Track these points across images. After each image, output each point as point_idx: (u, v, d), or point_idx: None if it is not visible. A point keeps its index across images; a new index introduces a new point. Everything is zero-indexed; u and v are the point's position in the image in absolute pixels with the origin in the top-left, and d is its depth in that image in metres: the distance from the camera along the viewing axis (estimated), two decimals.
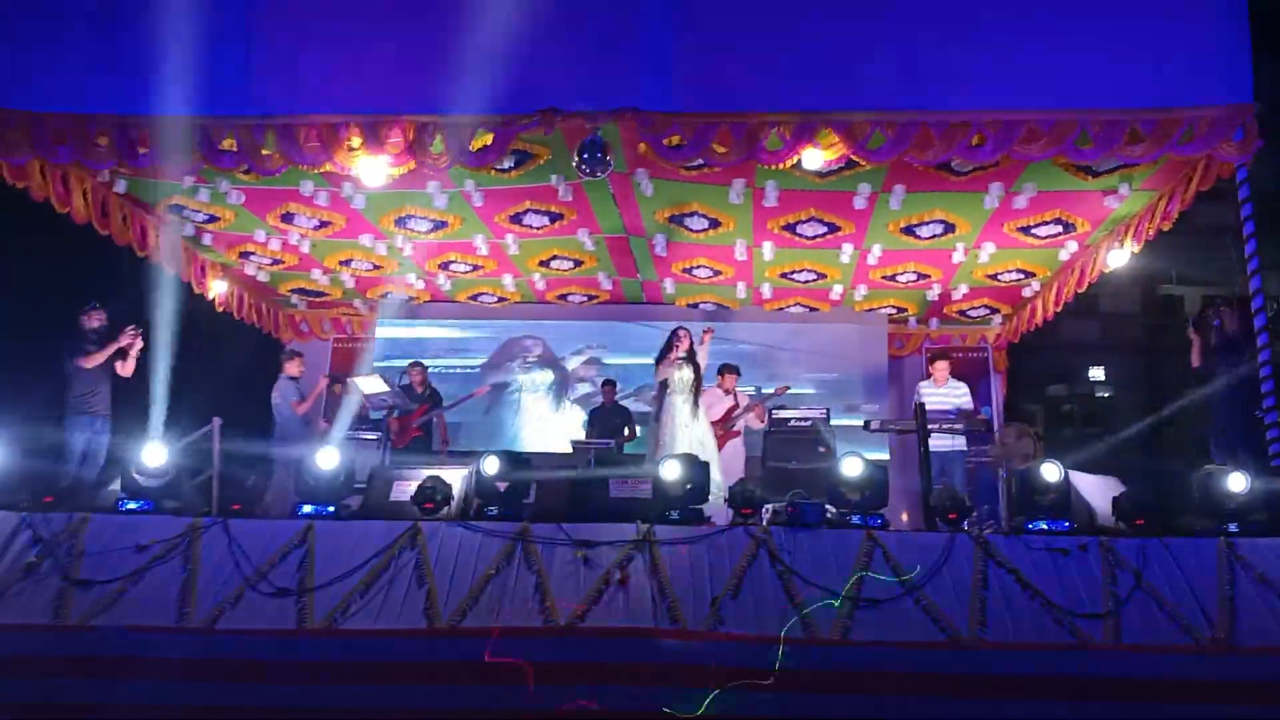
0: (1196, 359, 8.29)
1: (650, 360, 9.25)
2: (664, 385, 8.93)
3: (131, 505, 6.24)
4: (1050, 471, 6.15)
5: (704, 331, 9.21)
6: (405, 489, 6.38)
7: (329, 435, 9.25)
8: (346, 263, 10.38)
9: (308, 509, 6.19)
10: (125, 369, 8.27)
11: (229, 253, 10.01)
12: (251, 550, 5.74)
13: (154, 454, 6.34)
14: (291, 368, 9.97)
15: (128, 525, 5.99)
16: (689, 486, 6.30)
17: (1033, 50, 6.41)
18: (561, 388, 12.09)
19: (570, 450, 9.26)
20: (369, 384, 9.02)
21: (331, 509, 6.21)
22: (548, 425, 11.96)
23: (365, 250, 9.89)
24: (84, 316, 8.26)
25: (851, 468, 6.25)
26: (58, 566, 5.72)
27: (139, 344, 8.25)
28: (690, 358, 8.87)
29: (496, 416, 12.02)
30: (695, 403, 8.76)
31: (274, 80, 6.80)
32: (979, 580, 5.53)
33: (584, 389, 11.82)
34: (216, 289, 10.40)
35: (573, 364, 12.16)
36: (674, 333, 9.01)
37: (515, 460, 6.48)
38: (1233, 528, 5.89)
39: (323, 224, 9.18)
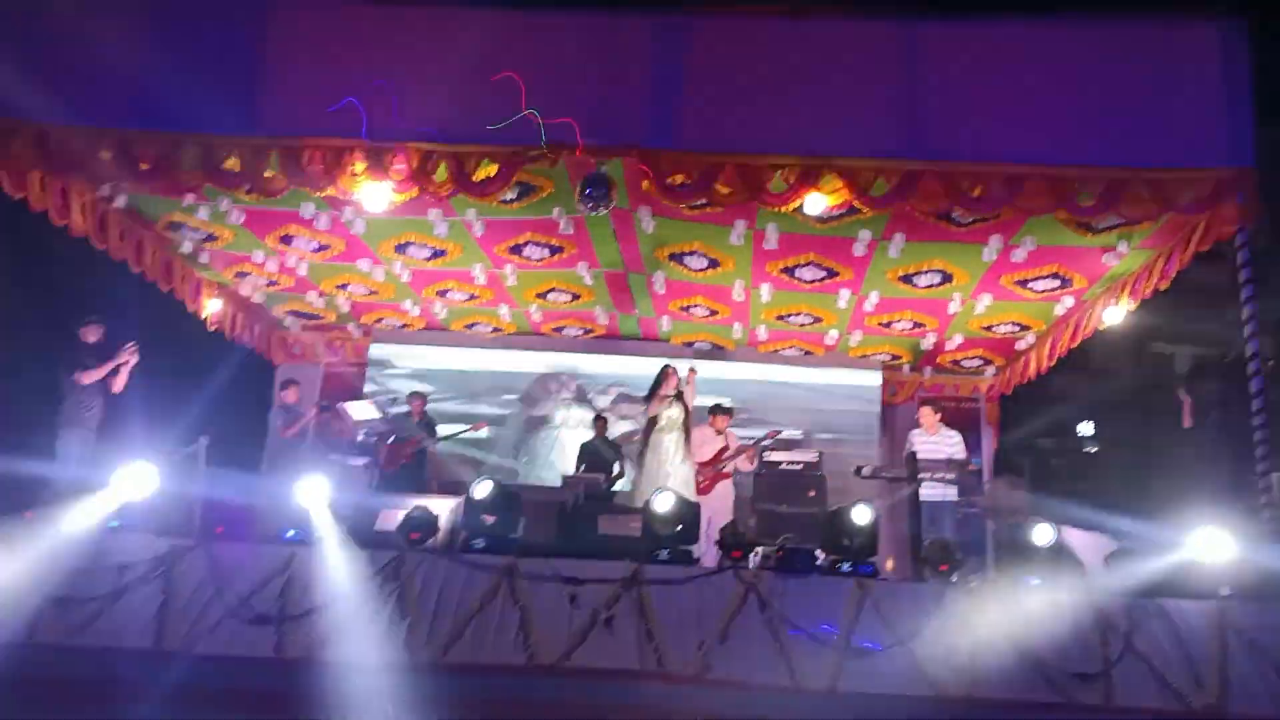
0: (1188, 419, 8.30)
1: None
2: (652, 423, 8.90)
3: (113, 524, 6.14)
4: (1043, 534, 6.13)
5: (689, 371, 9.17)
6: (392, 519, 6.31)
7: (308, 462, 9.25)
8: (343, 287, 10.34)
9: (291, 535, 6.12)
10: (116, 385, 8.17)
11: (225, 272, 9.96)
12: (233, 575, 5.67)
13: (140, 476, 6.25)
14: (287, 396, 10.04)
15: (108, 544, 5.91)
16: (678, 526, 6.26)
17: (1038, 105, 6.45)
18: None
19: (560, 485, 9.19)
20: (358, 410, 8.96)
21: (317, 536, 6.12)
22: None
23: (362, 275, 9.85)
24: (82, 330, 8.16)
25: (861, 516, 6.20)
26: (38, 582, 5.62)
27: (134, 360, 8.15)
28: (679, 396, 8.84)
29: (532, 452, 11.93)
30: (684, 443, 8.72)
31: (280, 101, 6.80)
32: (970, 634, 5.47)
33: (624, 426, 11.64)
34: (210, 308, 10.33)
35: (601, 402, 12.06)
36: (663, 370, 8.99)
37: (505, 494, 6.42)
38: (1225, 591, 5.86)
39: (322, 247, 9.15)
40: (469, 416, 11.48)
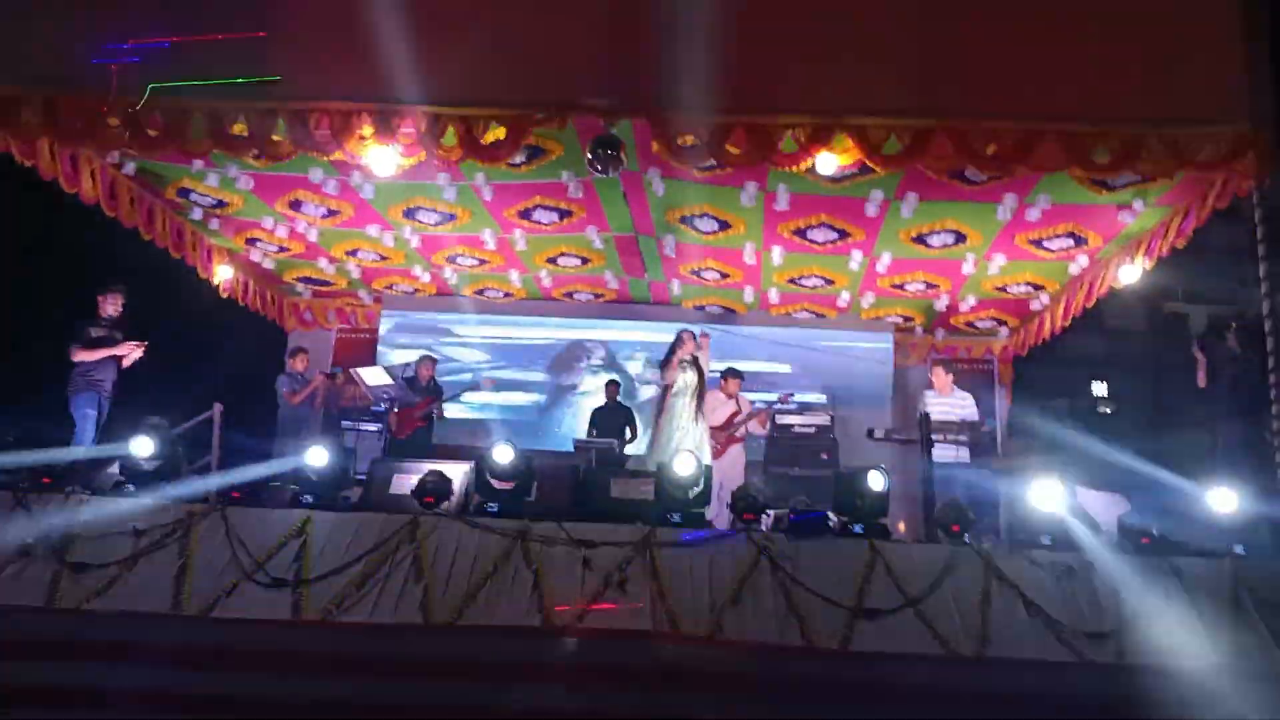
0: (1203, 379, 8.24)
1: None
2: (667, 388, 8.90)
3: (130, 489, 6.19)
4: (1052, 494, 6.10)
5: (700, 335, 9.15)
6: (406, 482, 6.33)
7: (319, 429, 9.32)
8: (353, 253, 10.34)
9: (307, 500, 6.15)
10: (124, 363, 8.13)
11: (236, 238, 9.96)
12: (249, 539, 5.71)
13: (144, 445, 6.29)
14: (296, 363, 10.13)
15: (125, 509, 5.96)
16: (691, 489, 6.26)
17: (1053, 62, 6.34)
18: (628, 391, 11.94)
19: (573, 449, 9.23)
20: (372, 375, 8.98)
21: (332, 500, 6.17)
22: None
23: (372, 241, 9.84)
24: (100, 299, 8.09)
25: (875, 482, 6.18)
26: (53, 549, 5.68)
27: (137, 354, 8.06)
28: (694, 361, 8.83)
29: (554, 416, 11.95)
30: (698, 407, 8.72)
31: (287, 65, 6.74)
32: (981, 595, 5.48)
33: (647, 392, 11.67)
34: (222, 275, 10.35)
35: (633, 368, 12.07)
36: (678, 335, 8.97)
37: (518, 458, 6.43)
38: (1238, 549, 5.85)
39: (331, 213, 9.13)
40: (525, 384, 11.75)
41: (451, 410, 10.70)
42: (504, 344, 12.20)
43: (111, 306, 8.11)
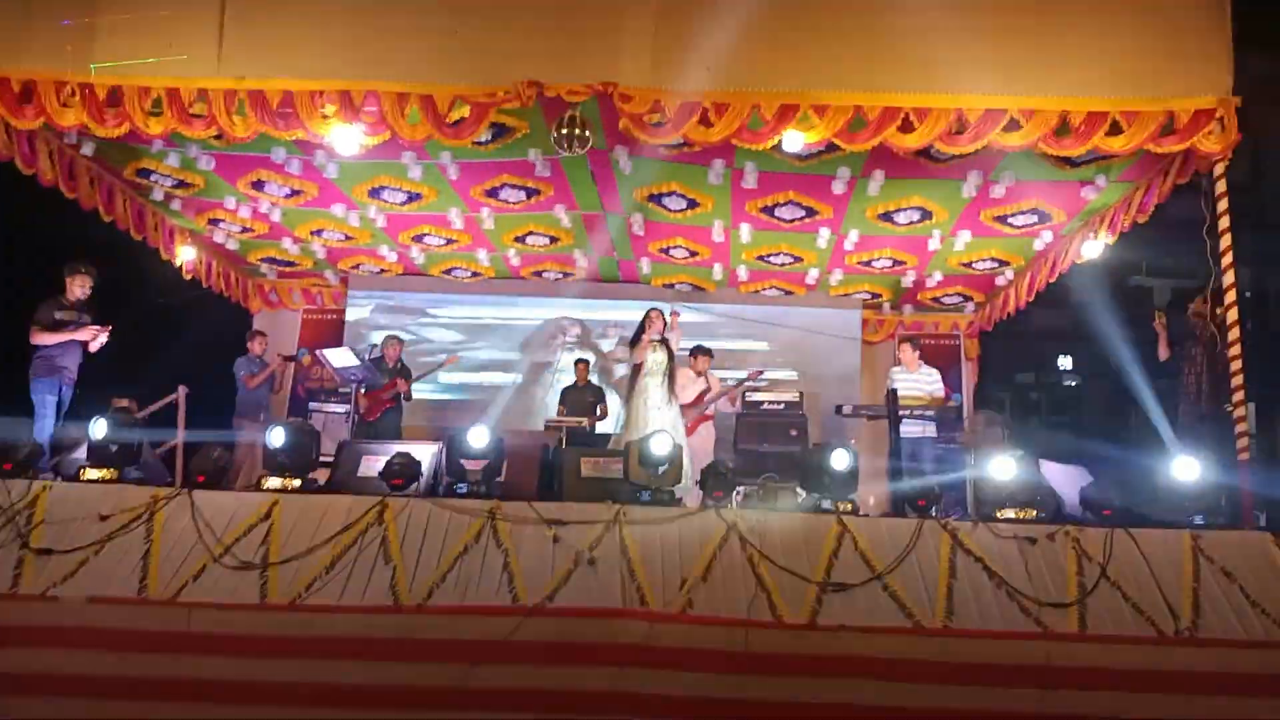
0: (1164, 351, 8.36)
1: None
2: (637, 367, 8.90)
3: (93, 474, 6.13)
4: (1012, 462, 6.18)
5: (672, 313, 9.15)
6: (373, 464, 6.31)
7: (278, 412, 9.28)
8: (318, 233, 10.24)
9: (273, 482, 6.11)
10: (89, 347, 7.81)
11: (198, 219, 9.84)
12: (215, 523, 5.66)
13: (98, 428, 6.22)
14: (254, 346, 10.07)
15: (89, 494, 5.90)
16: (661, 467, 6.28)
17: (1016, 38, 6.38)
18: (601, 369, 11.93)
19: (542, 428, 9.23)
20: (339, 357, 8.91)
21: (298, 483, 6.13)
22: None
23: (337, 221, 9.75)
24: (68, 279, 7.74)
25: (839, 460, 6.23)
26: (17, 534, 5.62)
27: (102, 338, 7.74)
28: (664, 340, 8.84)
29: (531, 395, 11.93)
30: (669, 387, 8.73)
31: (248, 43, 6.65)
32: (947, 568, 5.55)
33: (620, 370, 11.66)
34: (184, 256, 10.23)
35: (606, 346, 12.06)
36: (647, 314, 8.98)
37: (493, 438, 6.42)
38: (1198, 520, 5.95)
39: (294, 192, 9.04)
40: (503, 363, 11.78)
41: (423, 390, 10.67)
42: (482, 324, 12.17)
43: (79, 289, 7.76)
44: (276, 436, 6.21)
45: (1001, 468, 6.16)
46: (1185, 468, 6.06)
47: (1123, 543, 5.66)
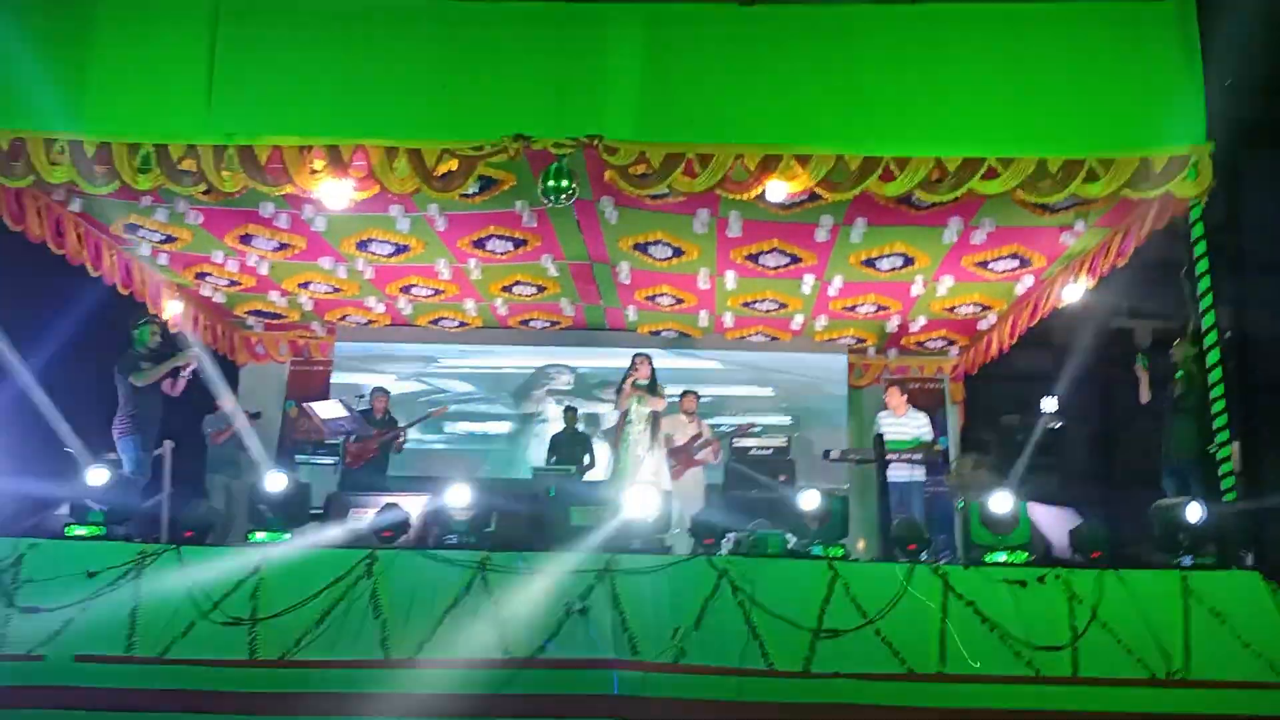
0: (1145, 394, 8.43)
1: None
2: (624, 415, 8.93)
3: (79, 531, 6.09)
4: (1002, 502, 6.21)
5: (637, 359, 9.11)
6: (362, 516, 6.30)
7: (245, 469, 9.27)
8: (305, 285, 10.26)
9: (261, 536, 6.09)
10: (175, 388, 8.14)
11: (185, 273, 9.86)
12: (203, 579, 5.63)
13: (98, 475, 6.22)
14: (222, 403, 9.91)
15: (75, 552, 5.86)
16: (651, 515, 6.29)
17: (993, 88, 6.51)
18: (591, 418, 11.87)
19: (531, 477, 9.22)
20: (326, 409, 8.91)
21: (287, 536, 6.11)
22: None
23: (325, 273, 9.78)
24: (139, 330, 8.15)
25: (809, 501, 6.27)
26: (3, 593, 5.57)
27: (193, 364, 8.13)
28: (650, 387, 8.87)
29: (521, 444, 11.90)
30: (653, 434, 8.75)
31: (236, 101, 6.72)
32: (938, 612, 5.56)
33: (613, 419, 11.66)
34: (171, 309, 10.21)
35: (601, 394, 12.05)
36: (633, 360, 9.01)
37: (479, 493, 6.43)
38: (1187, 561, 5.98)
39: (282, 246, 9.07)
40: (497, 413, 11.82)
41: (416, 439, 10.67)
42: (479, 373, 12.19)
43: (154, 337, 8.19)
44: (274, 483, 6.20)
45: (997, 503, 6.19)
46: (1181, 509, 6.10)
47: (1113, 584, 5.69)
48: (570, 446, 10.22)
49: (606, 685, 5.16)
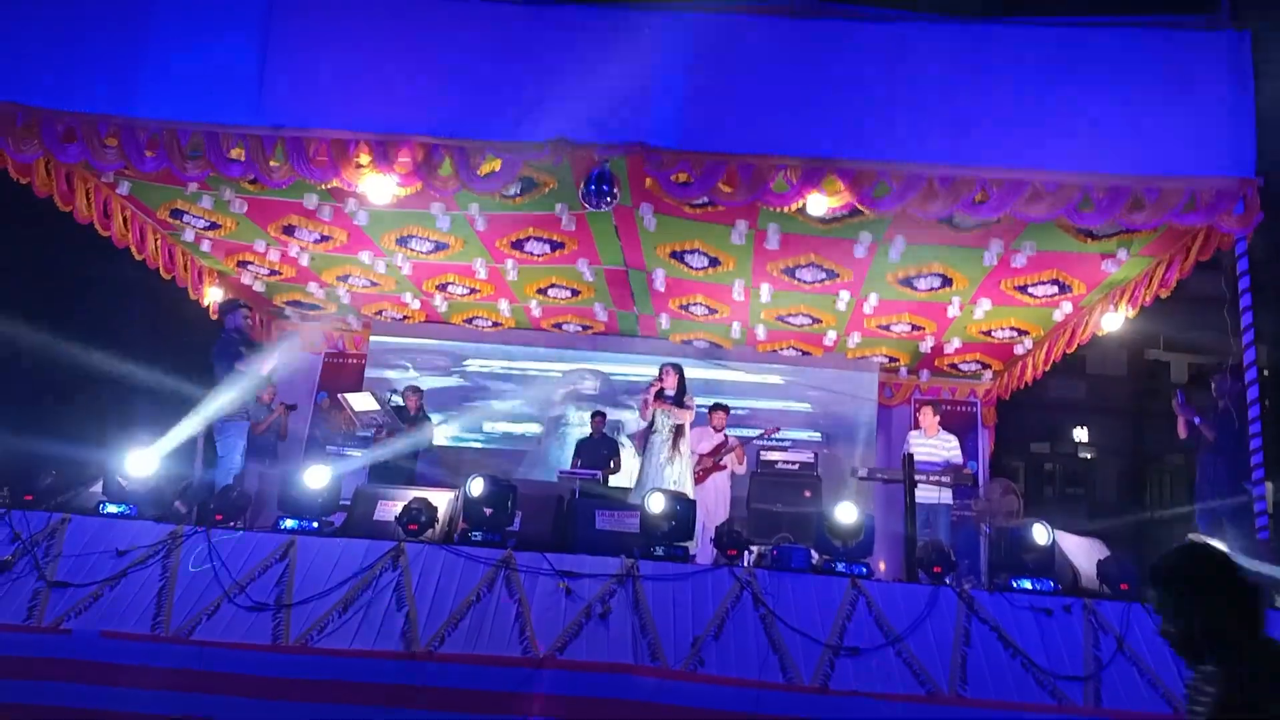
0: (1183, 431, 8.34)
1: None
2: (650, 423, 8.94)
3: (112, 509, 6.18)
4: (1040, 533, 6.16)
5: (664, 369, 9.07)
6: (390, 509, 6.34)
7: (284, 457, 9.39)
8: (344, 278, 10.37)
9: (290, 523, 6.15)
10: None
11: (227, 260, 9.99)
12: (232, 562, 5.70)
13: (138, 462, 6.30)
14: (263, 395, 10.04)
15: (107, 529, 5.95)
16: (674, 523, 6.29)
17: (1041, 112, 6.48)
18: (614, 425, 11.85)
19: (557, 480, 9.23)
20: (360, 401, 8.97)
21: (315, 524, 6.16)
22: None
23: (364, 267, 9.88)
24: (232, 314, 8.47)
25: (845, 514, 6.24)
26: (34, 566, 5.66)
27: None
28: (676, 398, 8.86)
29: (546, 447, 11.97)
30: (674, 444, 8.75)
31: (286, 92, 6.82)
32: (961, 635, 5.52)
33: (635, 426, 11.68)
34: (212, 296, 10.37)
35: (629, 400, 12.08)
36: (660, 370, 9.00)
37: (502, 487, 6.45)
38: None
39: (323, 238, 9.18)
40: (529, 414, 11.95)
41: (441, 438, 10.74)
42: (500, 373, 12.25)
43: (245, 320, 8.53)
44: (315, 478, 6.28)
45: (1035, 534, 6.13)
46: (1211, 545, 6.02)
47: (1140, 617, 5.62)
48: (596, 451, 10.24)
49: (625, 689, 5.15)
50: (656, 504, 6.28)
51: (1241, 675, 2.48)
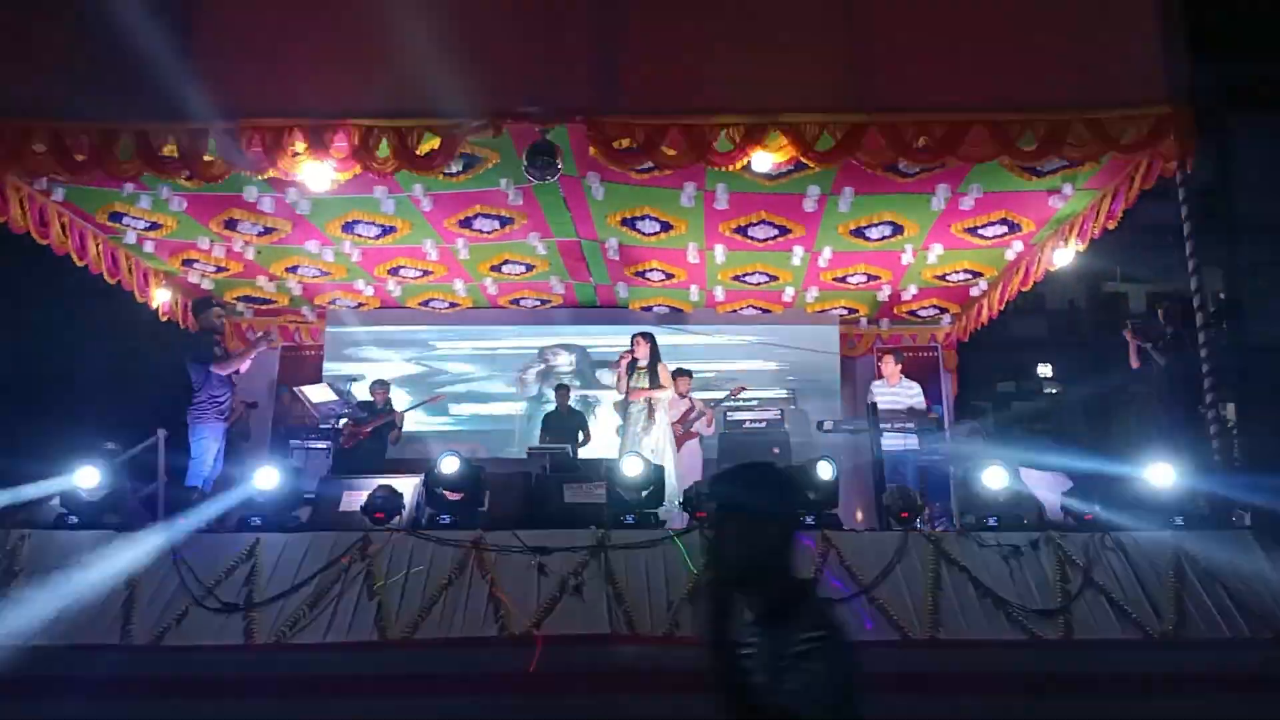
0: (1135, 360, 8.44)
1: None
2: (625, 393, 8.94)
3: (73, 520, 6.09)
4: (997, 474, 6.22)
5: (635, 338, 9.08)
6: (355, 499, 6.29)
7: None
8: (293, 269, 10.22)
9: (255, 522, 6.09)
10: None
11: (172, 260, 9.81)
12: (197, 565, 5.63)
13: (92, 473, 6.21)
14: None
15: (69, 541, 5.86)
16: (644, 491, 6.29)
17: (976, 52, 6.46)
18: (582, 398, 11.86)
19: (525, 456, 9.22)
20: (317, 393, 8.88)
21: (280, 522, 6.10)
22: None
23: (312, 257, 9.74)
24: (203, 315, 8.33)
25: (824, 471, 6.26)
26: None
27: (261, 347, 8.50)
28: (649, 365, 8.84)
29: (532, 427, 11.94)
30: (649, 411, 8.74)
31: (216, 84, 6.66)
32: (932, 579, 5.58)
33: (608, 397, 11.65)
34: (159, 298, 10.19)
35: (603, 374, 12.03)
36: (632, 340, 8.98)
37: (471, 468, 6.42)
38: (1178, 522, 6.00)
39: (267, 230, 9.02)
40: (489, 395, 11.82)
41: (416, 422, 10.68)
42: (478, 355, 12.16)
43: (218, 320, 8.34)
44: (264, 480, 6.21)
45: (990, 478, 6.20)
46: (1162, 473, 6.12)
47: (1105, 547, 5.71)
48: (564, 424, 10.23)
49: (604, 659, 5.16)
50: (620, 472, 6.27)
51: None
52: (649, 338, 8.94)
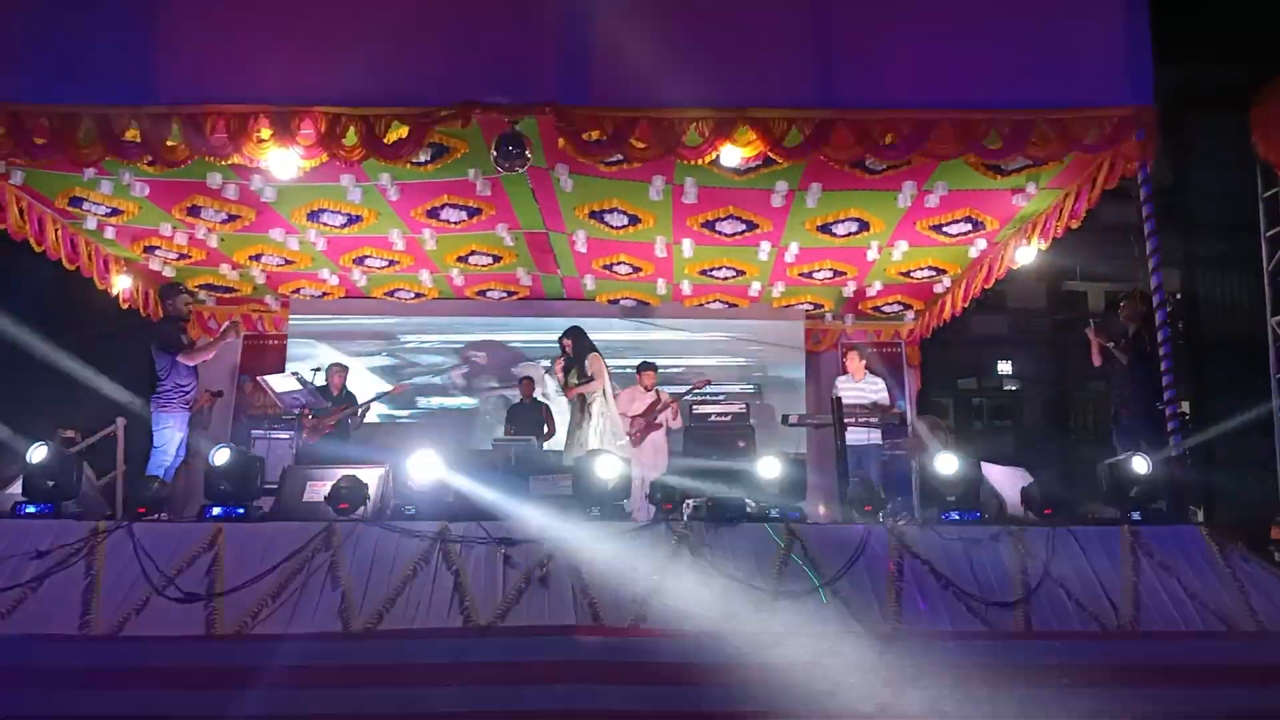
0: (1097, 358, 8.56)
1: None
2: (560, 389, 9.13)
3: (31, 509, 5.99)
4: (948, 463, 6.30)
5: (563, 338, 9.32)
6: (319, 489, 6.25)
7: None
8: (257, 257, 10.11)
9: (216, 511, 6.03)
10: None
11: (133, 247, 9.67)
12: (158, 555, 5.57)
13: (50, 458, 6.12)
14: None
15: (27, 530, 5.77)
16: (609, 483, 6.30)
17: (943, 50, 6.52)
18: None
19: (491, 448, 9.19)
20: (280, 382, 8.80)
21: (241, 510, 6.05)
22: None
23: (276, 245, 9.64)
24: (172, 301, 8.26)
25: (769, 469, 6.31)
26: None
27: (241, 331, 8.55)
28: (577, 361, 9.01)
29: (478, 414, 11.89)
30: (583, 408, 8.89)
31: (180, 68, 6.57)
32: (894, 571, 5.64)
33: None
34: (120, 285, 10.04)
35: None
36: (559, 342, 9.23)
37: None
38: (1136, 516, 6.10)
39: (231, 218, 8.91)
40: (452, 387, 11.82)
41: (379, 413, 10.64)
42: (444, 346, 12.10)
43: (185, 306, 8.30)
44: (220, 457, 6.14)
45: (945, 467, 6.27)
46: (1128, 463, 6.22)
47: (1064, 540, 5.80)
48: (528, 416, 10.22)
49: (567, 650, 5.17)
50: (594, 473, 6.27)
51: None
52: (572, 334, 9.06)
